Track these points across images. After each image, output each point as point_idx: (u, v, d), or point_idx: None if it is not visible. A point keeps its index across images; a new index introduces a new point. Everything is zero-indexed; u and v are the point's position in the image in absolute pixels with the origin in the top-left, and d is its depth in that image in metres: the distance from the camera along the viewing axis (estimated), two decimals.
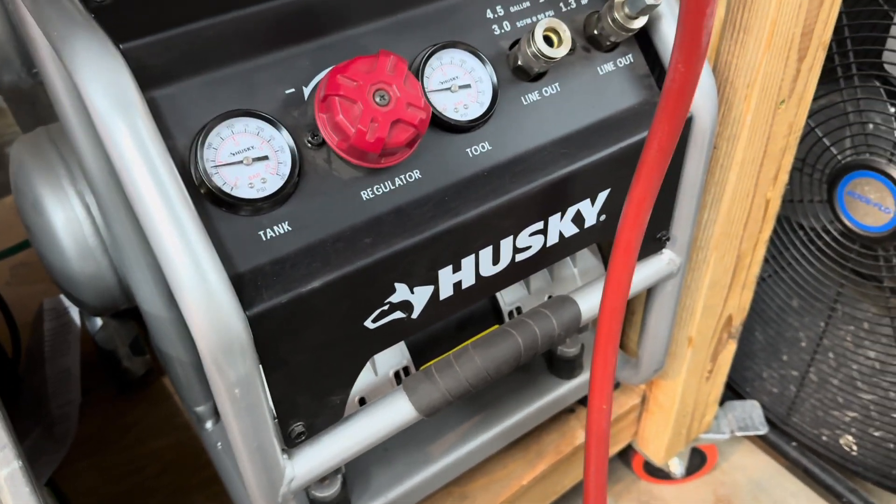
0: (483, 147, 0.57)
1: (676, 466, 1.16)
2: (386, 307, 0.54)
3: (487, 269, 0.59)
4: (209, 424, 0.85)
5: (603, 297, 0.60)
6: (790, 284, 1.05)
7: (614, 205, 0.63)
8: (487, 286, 0.60)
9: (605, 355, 0.62)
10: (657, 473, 1.17)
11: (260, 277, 0.49)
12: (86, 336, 0.91)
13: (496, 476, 0.90)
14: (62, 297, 0.92)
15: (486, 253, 0.57)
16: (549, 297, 0.76)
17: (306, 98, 0.53)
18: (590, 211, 0.62)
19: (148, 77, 0.47)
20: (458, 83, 0.56)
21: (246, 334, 0.47)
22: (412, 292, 0.55)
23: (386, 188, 0.54)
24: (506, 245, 0.58)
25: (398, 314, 0.55)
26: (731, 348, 0.98)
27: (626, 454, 1.17)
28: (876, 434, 1.07)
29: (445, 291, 0.57)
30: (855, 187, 0.88)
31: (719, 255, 0.80)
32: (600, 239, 0.65)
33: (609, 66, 0.63)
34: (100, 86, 0.43)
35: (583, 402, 0.96)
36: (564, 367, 0.86)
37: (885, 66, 0.83)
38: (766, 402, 1.18)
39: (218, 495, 0.93)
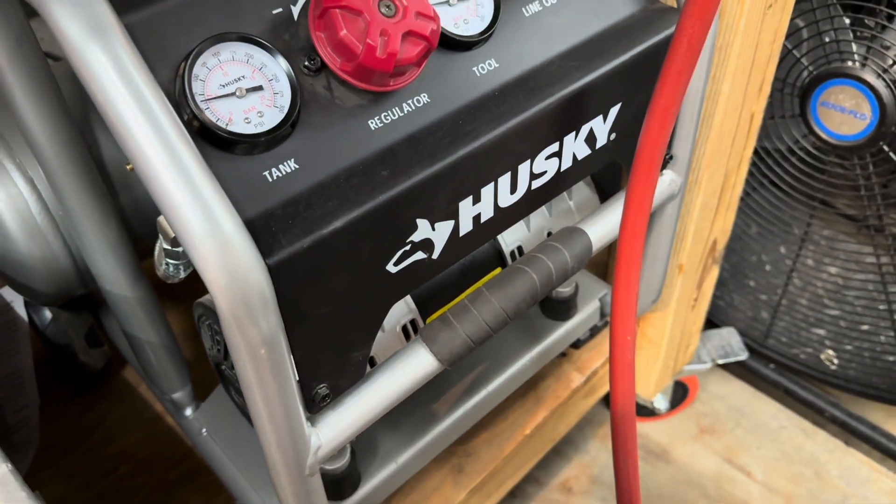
0: (490, 65, 0.52)
1: (661, 402, 1.15)
2: (408, 247, 0.49)
3: (505, 199, 0.54)
4: (189, 411, 0.78)
5: (624, 215, 0.56)
6: (746, 212, 1.05)
7: (624, 121, 0.59)
8: (505, 218, 0.56)
9: (626, 280, 0.59)
10: (641, 411, 1.16)
11: (273, 222, 0.43)
12: (34, 332, 0.82)
13: (498, 429, 0.87)
14: (2, 291, 0.82)
15: (505, 180, 0.53)
16: (549, 233, 0.72)
17: (296, 17, 0.46)
18: (602, 129, 0.58)
19: (121, 2, 0.40)
20: None
21: (268, 286, 0.41)
22: (433, 229, 0.50)
23: (395, 115, 0.48)
24: (523, 170, 0.54)
25: (419, 255, 0.50)
26: (714, 274, 0.97)
27: (608, 397, 1.15)
28: (849, 347, 1.08)
29: (465, 226, 0.52)
30: (829, 97, 0.87)
31: (710, 174, 0.78)
32: (610, 160, 0.61)
33: None
34: (72, 10, 0.37)
35: (574, 345, 0.94)
36: (559, 309, 0.83)
37: None
38: (742, 329, 1.18)
39: (204, 487, 0.86)
